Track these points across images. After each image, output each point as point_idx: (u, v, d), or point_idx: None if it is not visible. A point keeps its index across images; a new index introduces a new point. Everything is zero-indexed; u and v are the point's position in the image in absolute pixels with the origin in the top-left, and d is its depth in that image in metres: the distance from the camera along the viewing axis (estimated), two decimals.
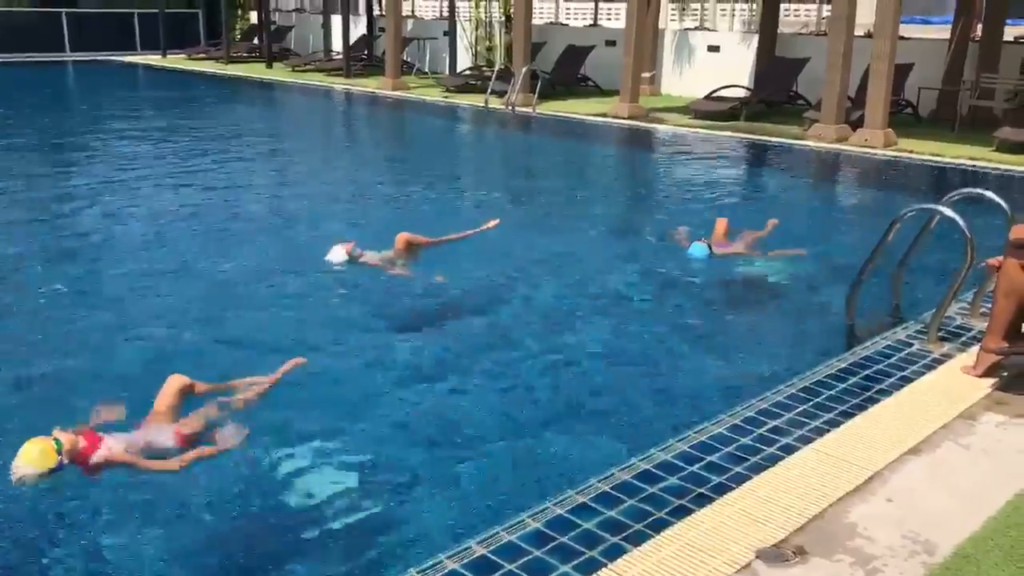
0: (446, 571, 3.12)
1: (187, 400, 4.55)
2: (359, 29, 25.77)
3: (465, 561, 3.18)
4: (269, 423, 4.64)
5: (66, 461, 3.94)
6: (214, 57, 27.87)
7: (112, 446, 4.08)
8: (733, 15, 24.92)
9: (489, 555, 3.21)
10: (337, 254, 7.24)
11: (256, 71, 25.04)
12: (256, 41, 29.35)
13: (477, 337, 6.07)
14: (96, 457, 4.02)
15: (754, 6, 22.81)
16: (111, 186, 11.04)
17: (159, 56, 28.58)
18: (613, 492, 3.64)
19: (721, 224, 7.97)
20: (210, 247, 8.29)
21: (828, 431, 4.18)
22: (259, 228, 9.11)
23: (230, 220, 9.39)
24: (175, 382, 4.51)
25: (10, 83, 23.65)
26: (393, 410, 4.95)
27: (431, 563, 3.17)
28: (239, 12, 32.01)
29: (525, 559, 3.21)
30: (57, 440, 3.94)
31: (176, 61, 27.67)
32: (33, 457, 3.88)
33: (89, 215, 9.58)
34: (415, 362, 5.61)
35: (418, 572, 3.12)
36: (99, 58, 27.98)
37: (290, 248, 8.23)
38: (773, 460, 3.91)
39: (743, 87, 17.60)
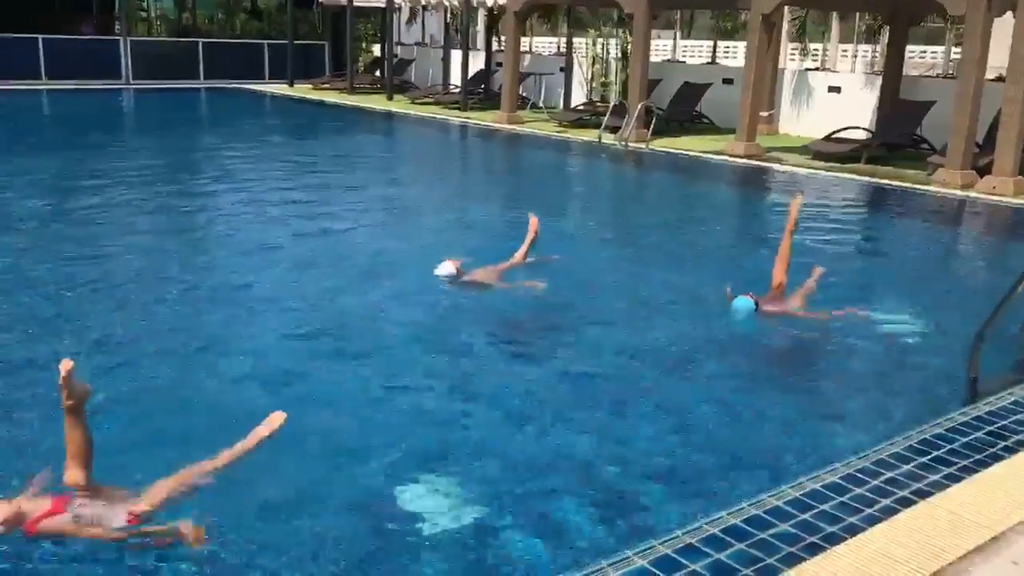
0: None
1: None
2: (477, 64, 26.29)
3: None
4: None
5: (1, 531, 3.66)
6: (338, 88, 28.83)
7: (63, 516, 3.77)
8: (855, 56, 24.45)
9: None
10: (446, 268, 7.52)
11: (377, 102, 25.79)
12: (378, 73, 30.27)
13: (583, 368, 6.09)
14: (44, 525, 3.73)
15: (878, 48, 22.35)
16: (242, 203, 11.70)
17: (286, 85, 29.75)
18: (721, 535, 3.59)
19: (778, 275, 7.24)
20: (321, 268, 8.60)
21: (948, 486, 4.03)
22: (369, 251, 9.41)
23: (345, 242, 9.72)
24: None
25: (155, 108, 25.10)
26: (493, 432, 5.02)
27: None
28: (363, 45, 33.06)
29: None
30: None
31: (302, 91, 28.74)
32: None
33: (210, 229, 10.10)
34: (514, 383, 5.68)
35: None
36: (230, 86, 29.30)
37: (399, 270, 8.49)
38: (888, 512, 3.78)
39: (864, 129, 17.21)
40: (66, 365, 3.71)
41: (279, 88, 29.36)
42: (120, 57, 28.10)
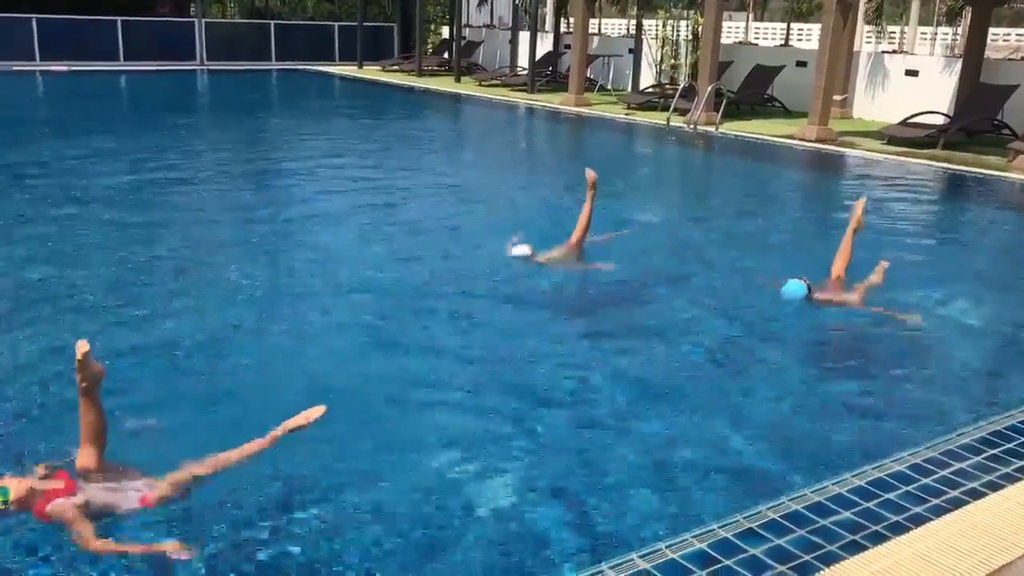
0: None
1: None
2: (545, 46, 26.19)
3: (627, 573, 3.20)
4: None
5: (13, 509, 3.63)
6: (406, 70, 29.02)
7: (73, 498, 3.68)
8: (934, 39, 23.76)
9: (651, 569, 3.22)
10: (520, 249, 7.75)
11: (445, 84, 25.87)
12: (446, 55, 30.37)
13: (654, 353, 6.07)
14: (54, 508, 3.63)
15: (958, 30, 21.68)
16: (321, 179, 12.08)
17: (355, 67, 30.02)
18: (782, 521, 3.56)
19: (836, 269, 7.14)
20: (389, 246, 8.70)
21: (1021, 479, 3.93)
22: (441, 229, 9.47)
23: (419, 219, 9.83)
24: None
25: (232, 89, 25.62)
26: (567, 413, 5.03)
27: (591, 572, 3.21)
28: (432, 27, 33.20)
29: None
30: (4, 488, 3.63)
31: (371, 72, 28.96)
32: None
33: (294, 203, 10.36)
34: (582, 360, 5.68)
35: None
36: (301, 67, 29.66)
37: (463, 250, 8.58)
38: (956, 504, 3.71)
39: (942, 114, 16.72)
40: (82, 347, 3.65)
41: (349, 70, 29.63)
42: (195, 39, 28.67)
